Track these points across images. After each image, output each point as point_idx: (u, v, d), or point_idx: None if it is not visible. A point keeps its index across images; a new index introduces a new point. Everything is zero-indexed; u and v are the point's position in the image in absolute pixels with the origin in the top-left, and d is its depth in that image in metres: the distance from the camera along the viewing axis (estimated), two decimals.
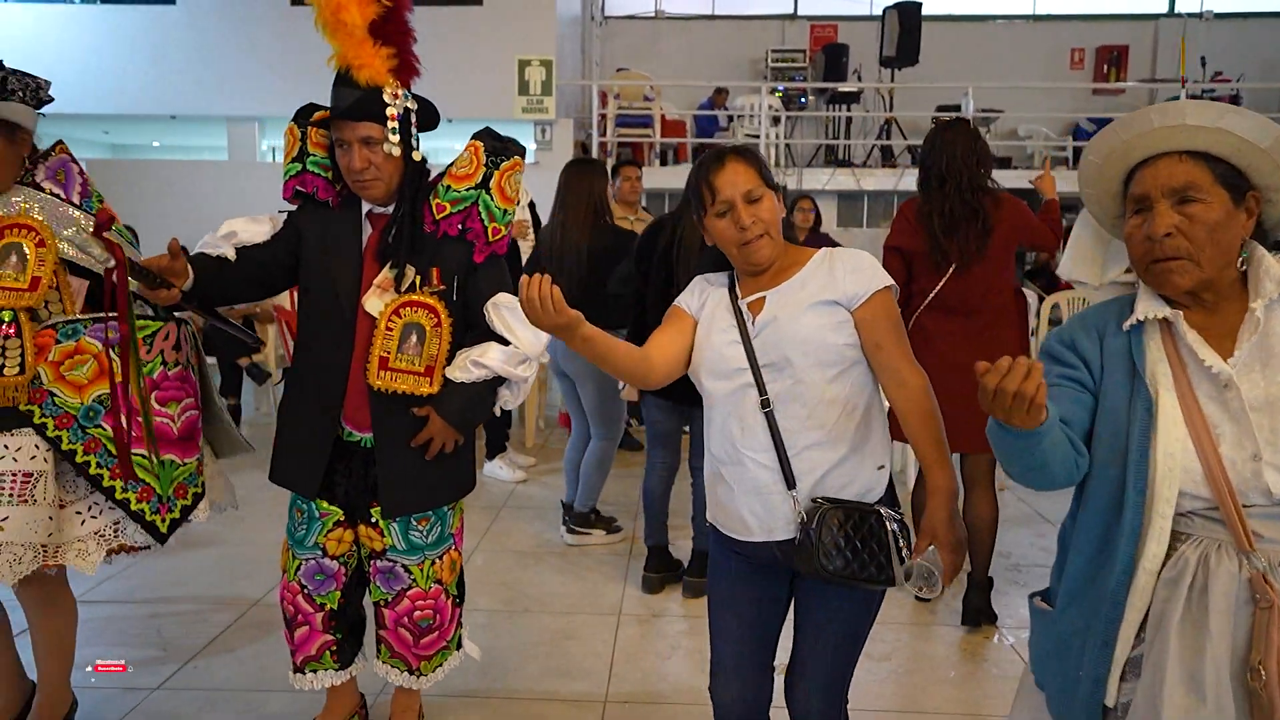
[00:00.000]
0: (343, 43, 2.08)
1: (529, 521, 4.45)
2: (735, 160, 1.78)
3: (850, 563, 1.70)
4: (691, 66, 12.21)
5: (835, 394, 1.75)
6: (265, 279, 2.29)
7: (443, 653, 2.38)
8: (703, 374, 1.85)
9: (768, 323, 1.78)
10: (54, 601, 2.34)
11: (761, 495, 1.78)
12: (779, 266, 1.84)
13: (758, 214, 1.77)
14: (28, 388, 2.09)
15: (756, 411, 1.76)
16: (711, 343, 1.83)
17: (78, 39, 10.68)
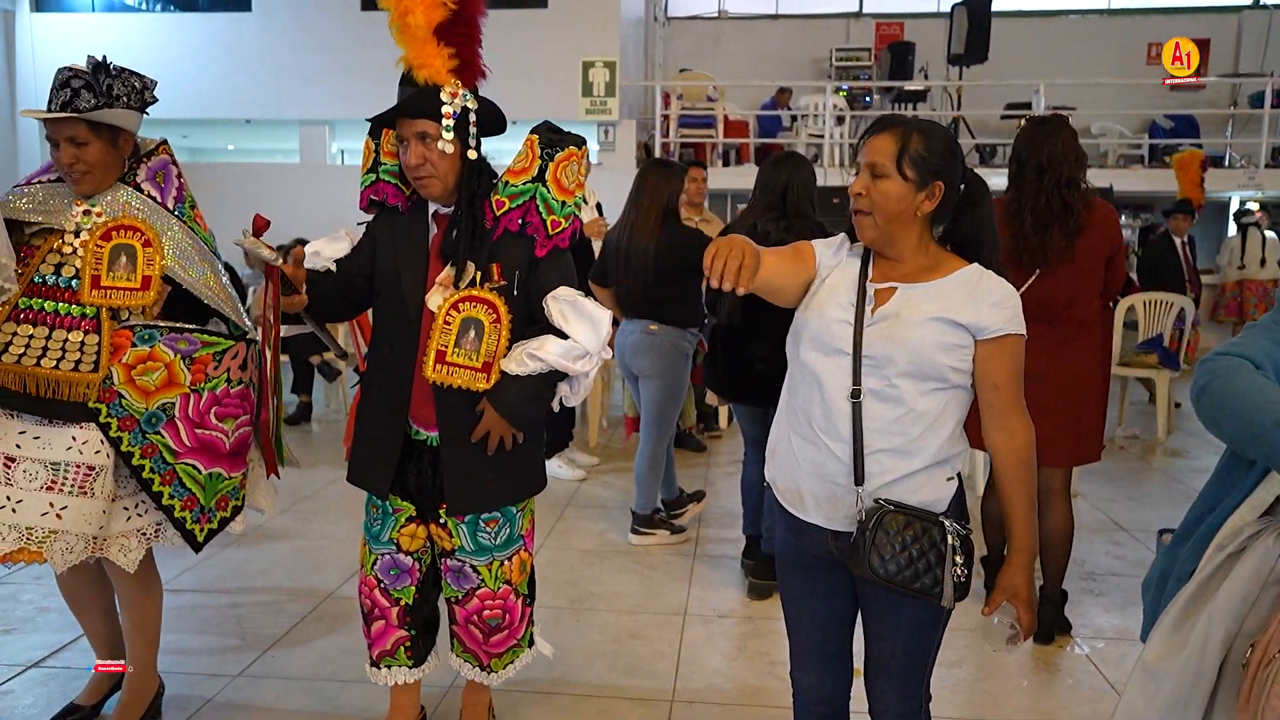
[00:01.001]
0: (408, 44, 2.12)
1: (593, 521, 4.48)
2: (886, 131, 1.75)
3: (903, 569, 1.68)
4: (754, 66, 12.17)
5: (926, 408, 1.72)
6: (351, 292, 2.34)
7: (514, 650, 2.41)
8: (804, 339, 1.81)
9: (889, 316, 1.74)
10: (143, 580, 2.43)
11: (826, 483, 1.77)
12: (919, 265, 1.79)
13: (872, 190, 1.73)
14: (99, 386, 2.16)
15: (844, 399, 1.74)
16: (824, 314, 1.79)
17: (158, 46, 11.04)
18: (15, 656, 2.96)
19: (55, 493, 2.10)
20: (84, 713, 2.55)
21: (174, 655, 2.84)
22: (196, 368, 2.25)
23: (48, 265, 2.24)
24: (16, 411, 2.14)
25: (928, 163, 1.73)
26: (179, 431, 2.22)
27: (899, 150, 1.73)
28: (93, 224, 2.25)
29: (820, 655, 1.92)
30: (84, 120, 2.22)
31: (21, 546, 2.06)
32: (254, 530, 4.05)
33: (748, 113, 11.34)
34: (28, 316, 2.19)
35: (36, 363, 2.13)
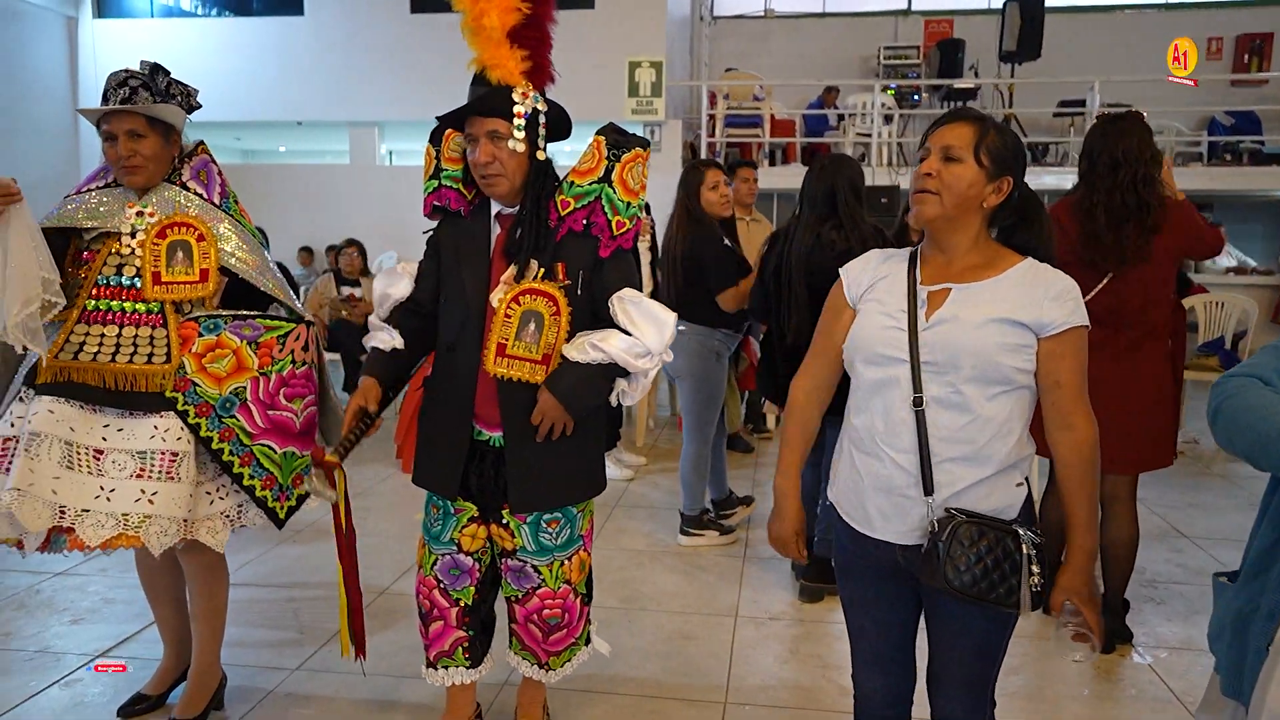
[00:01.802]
0: (482, 46, 2.15)
1: (642, 521, 4.48)
2: (961, 121, 1.74)
3: (978, 580, 1.65)
4: (801, 65, 12.08)
5: (993, 413, 1.69)
6: (430, 327, 2.36)
7: (571, 649, 2.42)
8: (857, 356, 1.80)
9: (945, 320, 1.71)
10: (215, 570, 2.52)
11: (892, 496, 1.74)
12: (972, 262, 1.75)
13: (943, 171, 1.71)
14: (174, 376, 2.26)
15: (906, 408, 1.71)
16: (874, 323, 1.77)
17: (213, 50, 11.26)
18: (84, 646, 3.04)
19: (145, 479, 2.19)
20: (150, 702, 2.62)
21: (234, 648, 2.89)
22: (263, 352, 2.33)
23: (109, 267, 2.33)
24: (99, 406, 2.23)
25: (1003, 156, 1.72)
26: (252, 414, 2.30)
27: (977, 139, 1.71)
28: (146, 224, 2.34)
29: (883, 660, 1.91)
30: (142, 114, 2.31)
31: (121, 532, 2.15)
32: (308, 526, 4.12)
33: (794, 112, 11.26)
34: (97, 317, 2.28)
35: (112, 359, 2.22)
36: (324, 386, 2.54)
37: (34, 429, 2.15)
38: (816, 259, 3.32)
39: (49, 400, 2.19)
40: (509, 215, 2.24)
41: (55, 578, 3.60)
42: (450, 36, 9.21)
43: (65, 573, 3.64)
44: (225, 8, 12.11)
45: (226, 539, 2.35)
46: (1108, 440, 2.29)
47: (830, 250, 3.29)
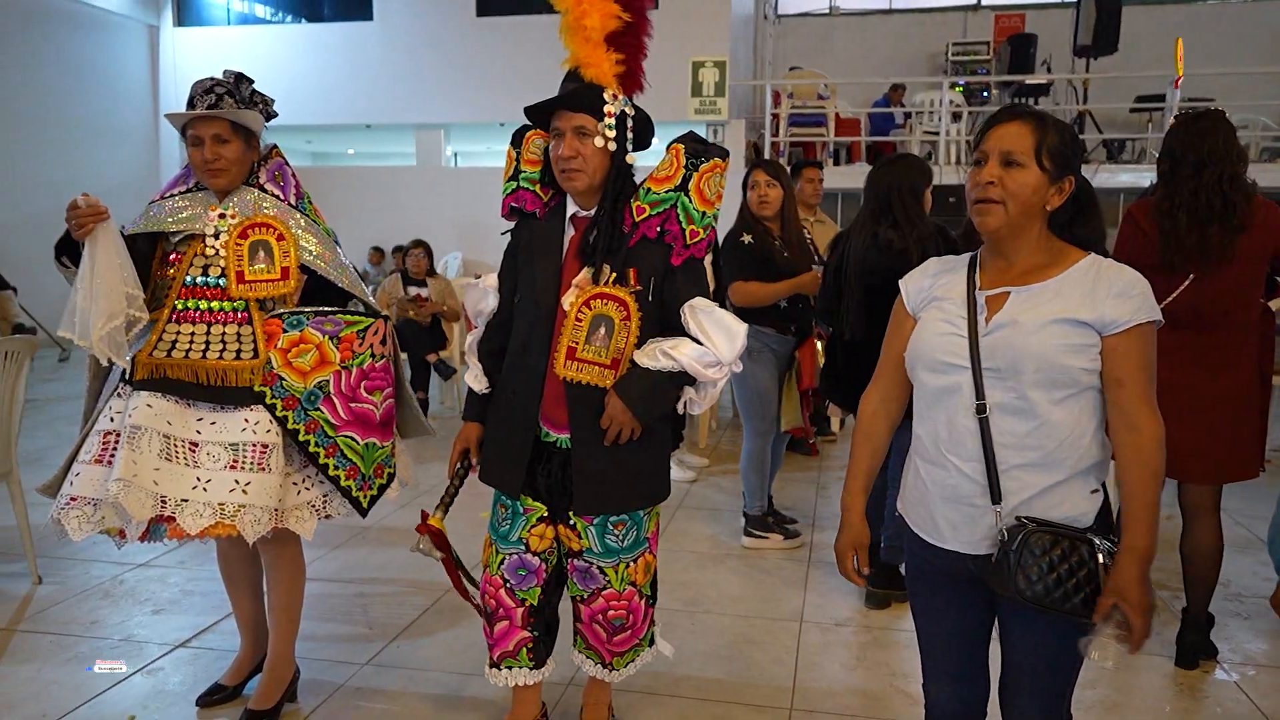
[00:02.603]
0: (579, 46, 2.17)
1: (705, 523, 4.47)
2: (1019, 120, 1.68)
3: (1052, 590, 1.60)
4: (867, 63, 11.94)
5: (1061, 418, 1.64)
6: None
7: (635, 649, 2.42)
8: (917, 365, 1.77)
9: (1005, 324, 1.66)
10: (294, 563, 2.60)
11: (960, 505, 1.71)
12: (1034, 264, 1.71)
13: (1005, 178, 1.65)
14: (262, 370, 2.34)
15: (969, 416, 1.68)
16: (933, 330, 1.74)
17: (286, 56, 11.56)
18: (164, 636, 3.14)
19: (238, 470, 2.27)
20: (227, 692, 2.69)
21: (305, 641, 2.95)
22: (344, 346, 2.41)
23: (195, 268, 2.41)
24: (193, 401, 2.32)
25: (1064, 155, 1.67)
26: (335, 406, 2.37)
27: (1037, 141, 1.65)
28: (228, 225, 2.42)
29: (955, 670, 1.87)
30: (227, 120, 2.39)
31: (217, 521, 2.23)
32: (375, 524, 4.19)
33: (859, 111, 11.13)
34: (186, 316, 2.36)
35: (202, 355, 2.32)
36: (400, 379, 2.60)
37: (134, 423, 2.24)
38: (873, 259, 3.30)
39: (147, 395, 2.28)
40: (584, 217, 2.25)
41: (138, 569, 3.73)
42: (514, 39, 9.50)
43: (147, 564, 3.76)
44: (298, 14, 12.42)
45: (314, 528, 2.42)
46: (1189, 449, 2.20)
47: (887, 250, 3.26)
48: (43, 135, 10.56)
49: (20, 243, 9.66)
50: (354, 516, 2.49)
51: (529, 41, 10.64)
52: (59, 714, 2.63)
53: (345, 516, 2.48)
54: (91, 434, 2.35)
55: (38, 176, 10.48)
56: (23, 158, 10.30)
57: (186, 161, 2.54)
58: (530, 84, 12.09)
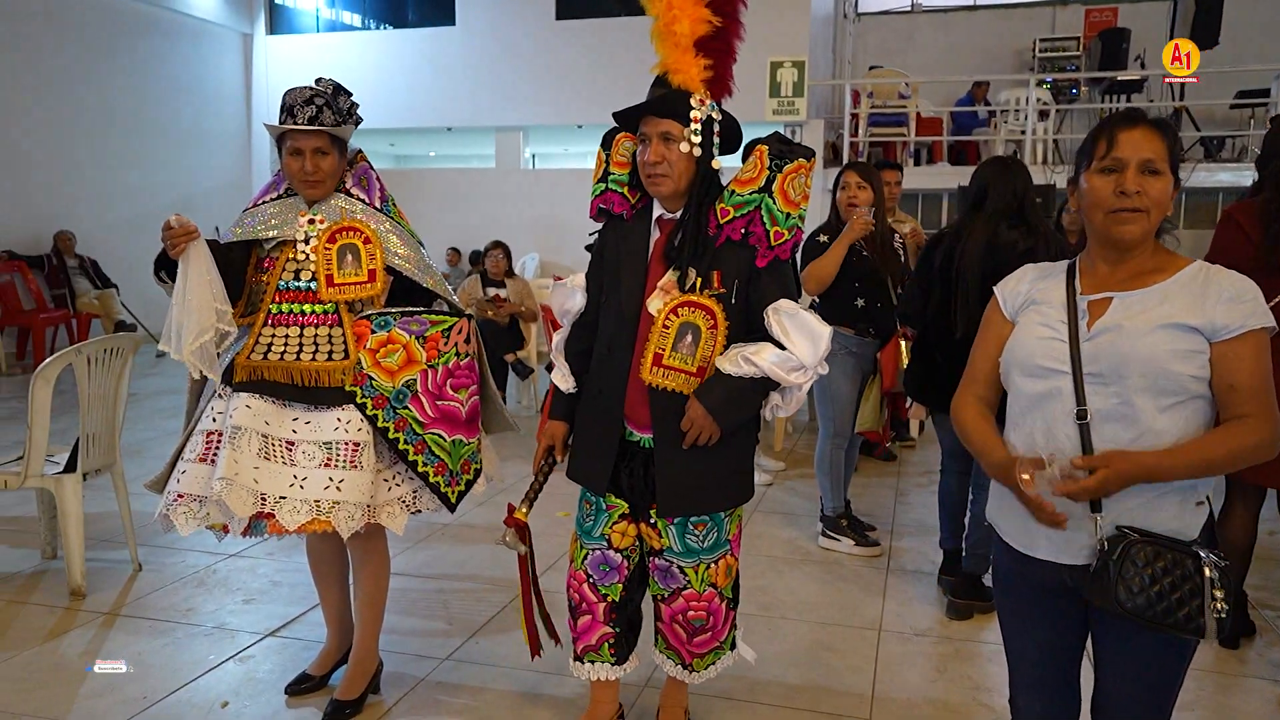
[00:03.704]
0: (668, 51, 2.18)
1: (780, 527, 4.43)
2: (1150, 127, 1.64)
3: (1154, 604, 1.54)
4: (950, 61, 11.69)
5: (1166, 426, 1.58)
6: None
7: (715, 652, 2.42)
8: (1013, 369, 1.74)
9: (1109, 329, 1.62)
10: (381, 558, 2.67)
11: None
12: (1140, 268, 1.66)
13: (1148, 188, 1.61)
14: (352, 371, 2.41)
15: (1069, 422, 1.63)
16: (1030, 335, 1.71)
17: (372, 61, 11.86)
18: (255, 625, 3.25)
19: (332, 468, 2.34)
20: (314, 682, 2.77)
21: (388, 635, 3.01)
22: (430, 345, 2.46)
23: (287, 272, 2.49)
24: (288, 401, 2.40)
25: (1178, 161, 1.66)
26: (423, 404, 2.43)
27: (1169, 148, 1.62)
28: (318, 230, 2.49)
29: (1045, 685, 1.82)
30: (327, 133, 2.44)
31: (314, 517, 2.31)
32: (453, 521, 4.26)
33: (940, 110, 10.90)
34: (280, 320, 2.45)
35: (296, 357, 2.40)
36: (484, 377, 2.64)
37: (235, 423, 2.32)
38: (996, 259, 3.26)
39: (245, 396, 2.37)
40: (669, 220, 2.26)
41: (229, 559, 3.86)
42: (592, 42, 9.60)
43: (237, 555, 3.90)
44: (383, 21, 12.73)
45: (405, 523, 2.48)
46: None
47: (1011, 250, 3.23)
48: (143, 141, 11.04)
49: (122, 243, 10.11)
50: (434, 513, 2.54)
51: (606, 44, 10.71)
52: (158, 696, 2.74)
53: (433, 512, 2.53)
54: (195, 433, 2.44)
55: (139, 180, 10.96)
56: (125, 162, 10.78)
57: (278, 168, 2.62)
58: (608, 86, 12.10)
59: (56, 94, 9.87)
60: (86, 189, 10.24)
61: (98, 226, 10.11)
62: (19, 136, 9.44)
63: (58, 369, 3.39)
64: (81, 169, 10.21)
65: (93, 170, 10.34)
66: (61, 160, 9.96)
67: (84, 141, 10.22)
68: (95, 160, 10.36)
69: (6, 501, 4.44)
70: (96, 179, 10.39)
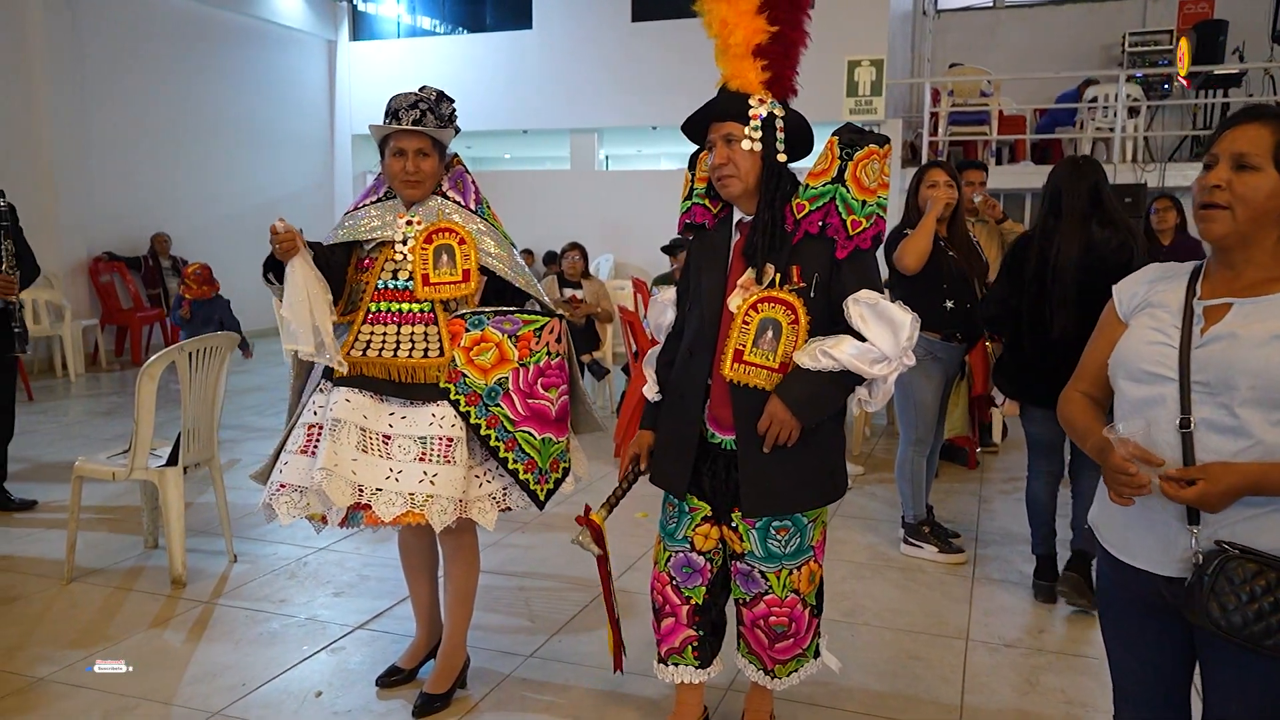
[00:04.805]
0: (727, 63, 2.21)
1: (861, 532, 4.38)
2: (1259, 120, 1.56)
3: (1250, 623, 1.48)
4: (1034, 57, 11.38)
5: (1277, 440, 1.51)
6: None
7: (798, 659, 2.40)
8: (1119, 372, 1.69)
9: (1223, 336, 1.56)
10: (472, 553, 2.72)
11: (1155, 524, 1.61)
12: (1266, 275, 1.59)
13: (1235, 182, 1.54)
14: (447, 368, 2.46)
15: (1171, 430, 1.57)
16: (1140, 338, 1.65)
17: (451, 65, 12.06)
18: (345, 617, 3.33)
19: (426, 463, 2.40)
20: (403, 675, 2.84)
21: (473, 631, 3.04)
22: (521, 344, 2.51)
23: (386, 272, 2.56)
24: (385, 396, 2.47)
25: None
26: (514, 402, 2.48)
27: (1276, 142, 1.53)
28: (415, 232, 2.54)
29: (1150, 704, 1.76)
30: (429, 136, 2.50)
31: (408, 510, 2.37)
32: (536, 519, 4.30)
33: (1023, 108, 10.62)
34: (379, 318, 2.51)
35: (394, 354, 2.47)
36: (574, 376, 2.67)
37: (335, 416, 2.40)
38: (1091, 258, 3.22)
39: (345, 391, 2.44)
40: (748, 222, 2.27)
41: (319, 552, 3.98)
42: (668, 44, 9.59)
43: (326, 548, 4.01)
44: (462, 25, 12.94)
45: (495, 519, 2.52)
46: None
47: (1105, 247, 3.20)
48: (233, 145, 11.42)
49: (213, 244, 10.47)
50: (515, 511, 2.58)
51: (682, 45, 10.70)
52: (256, 684, 2.84)
53: (522, 509, 2.57)
54: (297, 426, 2.52)
55: (228, 184, 11.34)
56: (216, 166, 11.17)
57: (379, 171, 2.69)
58: (682, 87, 12.05)
59: (155, 103, 10.27)
60: (181, 192, 10.64)
61: (190, 228, 10.49)
62: (121, 144, 9.85)
63: (161, 366, 3.54)
64: (176, 173, 10.61)
65: (187, 174, 10.74)
66: (158, 165, 10.37)
67: (179, 147, 10.61)
68: (189, 165, 10.76)
69: (111, 492, 4.64)
70: (190, 183, 10.79)
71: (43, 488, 4.80)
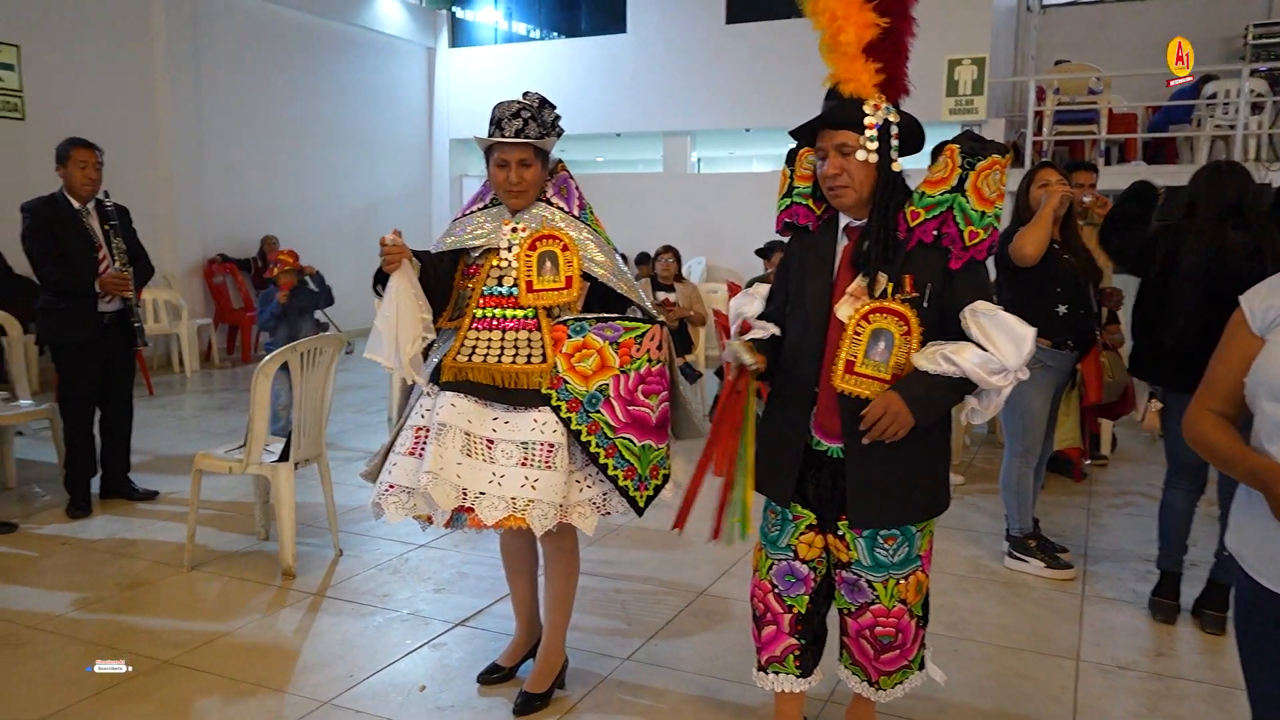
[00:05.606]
0: (836, 61, 2.16)
1: (963, 544, 4.26)
2: None
3: None
4: (1147, 53, 10.89)
5: None
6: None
7: (903, 671, 2.35)
8: (1261, 392, 1.60)
9: None
10: (572, 556, 2.73)
11: None
12: None
13: None
14: (549, 374, 2.47)
15: None
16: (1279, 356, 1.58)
17: (546, 70, 12.21)
18: (446, 614, 3.41)
19: (528, 468, 2.43)
20: (503, 673, 2.88)
21: (571, 632, 3.07)
22: (623, 351, 2.51)
23: (491, 279, 2.60)
24: (489, 401, 2.51)
25: None
26: (615, 409, 2.48)
27: None
28: (520, 238, 2.57)
29: None
30: (532, 145, 2.53)
31: (510, 514, 2.40)
32: (630, 522, 4.31)
33: (1136, 105, 10.18)
34: (484, 324, 2.56)
35: (498, 360, 2.50)
36: (675, 383, 2.67)
37: (441, 420, 2.45)
38: (1223, 263, 3.10)
39: (451, 395, 2.49)
40: (857, 227, 2.23)
41: (419, 549, 4.07)
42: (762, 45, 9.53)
43: (427, 545, 4.10)
44: (558, 30, 13.11)
45: (594, 524, 2.53)
46: None
47: (1240, 251, 3.07)
48: (338, 151, 11.80)
49: (315, 245, 10.84)
50: (623, 515, 2.59)
51: (776, 47, 10.62)
52: (363, 675, 2.92)
53: (622, 515, 2.57)
54: (405, 428, 2.59)
55: (332, 188, 11.74)
56: (321, 171, 11.56)
57: (484, 177, 2.74)
58: (776, 88, 11.98)
59: (265, 109, 10.70)
60: (287, 196, 11.05)
61: (295, 231, 10.88)
62: (233, 151, 10.29)
63: (275, 365, 3.68)
64: (284, 178, 11.02)
65: (293, 179, 11.15)
66: (268, 170, 10.79)
67: (286, 152, 11.02)
68: (295, 169, 11.17)
69: (225, 484, 4.85)
70: (295, 187, 11.19)
71: (163, 479, 5.04)
